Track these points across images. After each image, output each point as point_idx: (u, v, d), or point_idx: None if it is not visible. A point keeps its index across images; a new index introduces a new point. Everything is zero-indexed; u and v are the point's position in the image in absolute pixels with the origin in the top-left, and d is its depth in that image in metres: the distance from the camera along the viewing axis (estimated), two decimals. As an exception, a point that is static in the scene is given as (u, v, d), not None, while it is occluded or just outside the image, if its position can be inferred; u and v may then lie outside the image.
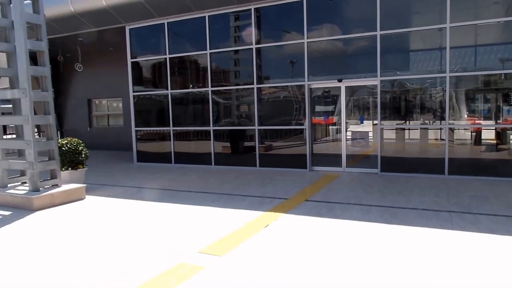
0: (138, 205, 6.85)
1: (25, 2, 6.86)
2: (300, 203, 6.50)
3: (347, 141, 9.46)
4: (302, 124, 9.73)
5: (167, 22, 11.15)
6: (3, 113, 7.71)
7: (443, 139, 8.49)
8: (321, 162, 9.72)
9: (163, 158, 11.74)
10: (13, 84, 7.23)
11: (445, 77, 8.24)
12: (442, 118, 8.44)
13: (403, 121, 8.93)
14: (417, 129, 8.90)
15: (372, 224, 5.20)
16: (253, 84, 10.17)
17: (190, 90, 11.34)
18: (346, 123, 9.37)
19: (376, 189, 7.37)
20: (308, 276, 3.64)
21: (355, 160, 9.52)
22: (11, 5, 6.95)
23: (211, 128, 10.89)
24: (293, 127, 9.92)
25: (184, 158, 11.46)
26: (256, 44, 10.01)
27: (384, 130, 8.98)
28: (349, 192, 7.20)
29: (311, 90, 9.60)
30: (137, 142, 12.17)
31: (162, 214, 6.13)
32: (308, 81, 9.50)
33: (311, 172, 9.54)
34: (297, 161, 9.82)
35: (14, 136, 8.09)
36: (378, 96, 8.84)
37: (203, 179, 9.24)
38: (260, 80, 10.17)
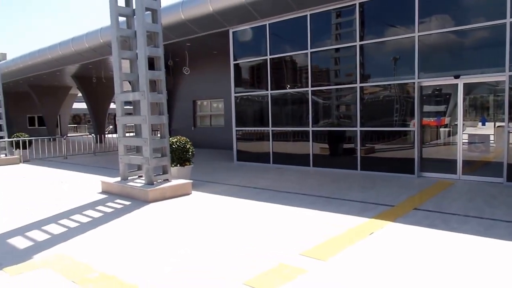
0: (240, 203, 7.03)
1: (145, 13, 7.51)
2: (409, 211, 6.04)
3: (463, 145, 8.54)
4: (409, 126, 9.07)
5: (269, 23, 11.32)
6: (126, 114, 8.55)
7: None
8: (432, 167, 8.92)
9: (261, 158, 11.96)
10: (134, 87, 7.99)
11: None
12: None
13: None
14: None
15: (498, 241, 4.58)
16: (355, 83, 9.78)
17: (290, 90, 11.36)
18: (463, 124, 8.46)
19: (501, 201, 6.51)
20: (424, 294, 3.32)
21: (473, 167, 8.53)
22: (135, 16, 7.68)
23: (310, 128, 10.77)
24: (399, 129, 9.29)
25: (282, 158, 11.52)
26: (360, 41, 9.60)
27: None
28: (467, 203, 6.47)
29: (421, 89, 8.88)
30: (237, 142, 12.59)
31: (262, 213, 6.19)
32: (418, 78, 8.80)
33: (419, 179, 8.84)
34: (403, 166, 9.18)
35: (131, 134, 8.94)
36: (506, 94, 7.77)
37: (301, 180, 9.17)
38: (363, 78, 9.74)
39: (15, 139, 15.17)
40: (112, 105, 28.84)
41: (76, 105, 38.45)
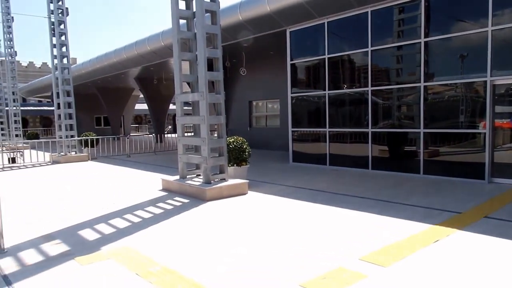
0: (295, 204, 6.95)
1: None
2: (478, 219, 5.61)
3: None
4: (478, 127, 8.46)
5: (327, 22, 11.12)
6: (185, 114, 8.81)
7: None
8: (505, 173, 8.24)
9: (317, 159, 11.78)
10: (193, 88, 8.21)
11: None
12: None
13: None
14: None
15: None
16: (419, 82, 9.31)
17: (348, 90, 11.07)
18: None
19: None
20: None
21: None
22: (195, 19, 7.89)
23: (369, 130, 10.42)
24: (467, 131, 8.70)
25: (339, 160, 11.26)
26: (424, 37, 9.12)
27: None
28: (546, 212, 5.91)
29: (494, 87, 8.24)
30: (293, 143, 12.50)
31: (319, 216, 6.07)
32: (491, 76, 8.17)
33: (490, 184, 8.21)
34: (472, 170, 8.58)
35: (189, 134, 9.21)
36: None
37: (359, 183, 8.90)
38: (427, 77, 9.24)
39: (84, 138, 16.24)
40: (171, 106, 29.96)
41: (137, 106, 40.39)
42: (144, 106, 41.80)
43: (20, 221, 6.23)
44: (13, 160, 15.54)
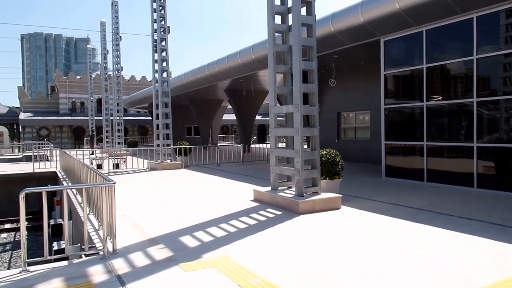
0: (394, 223, 6.55)
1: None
2: None
3: None
4: None
5: (425, 30, 10.48)
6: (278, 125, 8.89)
7: None
8: None
9: (413, 174, 11.05)
10: (286, 100, 8.25)
11: None
12: None
13: None
14: None
15: None
16: (537, 93, 8.28)
17: (449, 101, 10.25)
18: None
19: None
20: None
21: None
22: (290, 32, 7.97)
23: (474, 144, 9.51)
24: None
25: (438, 176, 10.43)
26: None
27: None
28: None
29: None
30: (386, 156, 11.90)
31: (421, 237, 5.63)
32: None
33: None
34: None
35: (280, 145, 9.26)
36: None
37: (464, 202, 8.13)
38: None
39: (178, 146, 17.28)
40: (257, 117, 30.63)
41: (224, 117, 42.02)
42: (230, 117, 43.44)
43: (127, 224, 6.75)
44: (117, 166, 17.07)
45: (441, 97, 10.46)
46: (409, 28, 10.76)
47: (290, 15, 8.18)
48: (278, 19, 8.43)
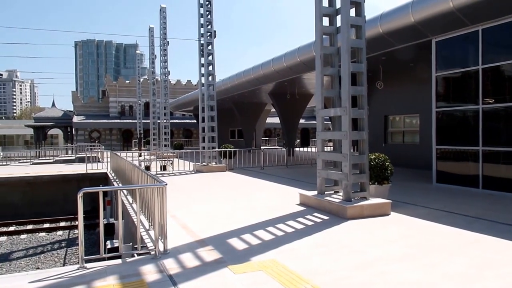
0: (448, 231, 6.24)
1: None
2: None
3: None
4: None
5: (482, 29, 9.93)
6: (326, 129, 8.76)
7: None
8: None
9: (467, 181, 10.49)
10: (334, 103, 8.12)
11: None
12: None
13: None
14: None
15: None
16: None
17: (509, 104, 9.64)
18: None
19: None
20: None
21: None
22: (338, 34, 7.84)
23: (537, 150, 8.87)
24: None
25: (495, 183, 9.83)
26: None
27: None
28: None
29: None
30: (437, 161, 11.38)
31: (479, 247, 5.31)
32: None
33: None
34: None
35: (325, 149, 9.09)
36: None
37: (527, 212, 7.60)
38: None
39: (223, 149, 17.51)
40: (300, 120, 30.40)
41: (267, 120, 42.10)
42: (273, 120, 43.47)
43: (176, 225, 6.90)
44: (164, 168, 17.57)
45: (498, 100, 9.87)
46: (463, 28, 10.26)
47: (338, 17, 8.06)
48: (325, 21, 8.34)
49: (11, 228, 15.41)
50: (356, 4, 7.69)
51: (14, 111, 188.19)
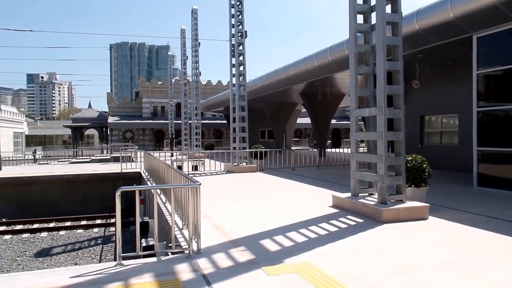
0: (491, 238, 5.92)
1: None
2: None
3: None
4: None
5: (527, 24, 9.42)
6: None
7: None
8: None
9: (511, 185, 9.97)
10: (368, 103, 7.91)
11: None
12: None
13: None
14: None
15: None
16: None
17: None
18: None
19: None
20: None
21: None
22: (373, 31, 7.63)
23: None
24: None
25: (542, 187, 9.29)
26: None
27: None
28: None
29: None
30: (478, 164, 10.87)
31: (532, 256, 5.00)
32: None
33: None
34: None
35: (361, 150, 8.87)
36: None
37: None
38: None
39: (254, 150, 17.50)
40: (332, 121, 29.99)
41: (298, 120, 41.82)
42: (303, 120, 43.14)
43: (209, 225, 6.92)
44: (195, 168, 17.75)
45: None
46: (507, 23, 9.75)
47: (373, 14, 7.84)
48: (359, 19, 8.14)
49: (51, 225, 16.04)
50: (392, 0, 7.46)
51: (54, 112, 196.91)
